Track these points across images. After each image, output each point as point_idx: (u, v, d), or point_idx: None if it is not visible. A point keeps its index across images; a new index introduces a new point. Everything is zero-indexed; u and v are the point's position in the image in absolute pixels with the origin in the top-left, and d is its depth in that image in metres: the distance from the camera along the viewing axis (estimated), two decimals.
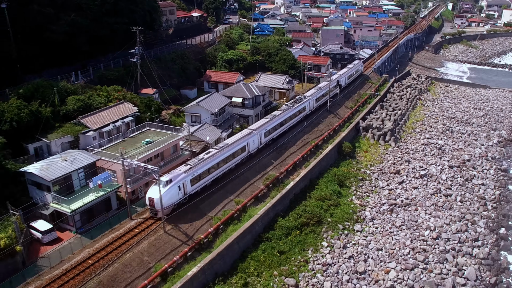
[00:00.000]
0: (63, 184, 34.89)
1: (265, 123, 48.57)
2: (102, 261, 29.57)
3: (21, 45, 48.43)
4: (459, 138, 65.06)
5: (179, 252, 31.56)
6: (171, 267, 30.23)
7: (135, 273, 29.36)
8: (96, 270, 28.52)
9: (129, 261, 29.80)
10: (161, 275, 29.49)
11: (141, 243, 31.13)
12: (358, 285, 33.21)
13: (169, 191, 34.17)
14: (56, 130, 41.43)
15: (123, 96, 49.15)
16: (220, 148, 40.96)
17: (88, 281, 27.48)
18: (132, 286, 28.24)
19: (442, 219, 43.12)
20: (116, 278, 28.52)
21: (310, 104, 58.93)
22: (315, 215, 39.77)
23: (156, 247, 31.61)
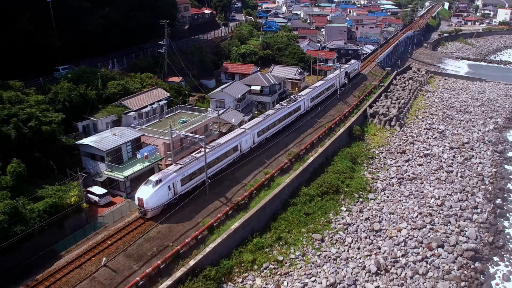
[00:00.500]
0: (114, 155, 39.66)
1: (258, 122, 47.87)
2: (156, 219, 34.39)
3: (62, 36, 53.17)
4: (458, 124, 70.41)
5: (221, 211, 36.49)
6: (216, 222, 35.17)
7: (186, 226, 34.30)
8: (152, 225, 33.34)
9: (180, 217, 34.69)
10: (208, 229, 34.40)
11: (188, 203, 35.99)
12: (374, 241, 38.31)
13: (159, 191, 33.56)
14: (101, 111, 46.26)
15: (155, 82, 54.06)
16: (212, 147, 40.28)
17: (149, 231, 32.34)
18: (185, 236, 33.13)
19: (445, 191, 48.30)
20: (172, 230, 33.44)
21: (305, 103, 57.98)
22: (333, 185, 44.84)
23: (201, 207, 36.57)
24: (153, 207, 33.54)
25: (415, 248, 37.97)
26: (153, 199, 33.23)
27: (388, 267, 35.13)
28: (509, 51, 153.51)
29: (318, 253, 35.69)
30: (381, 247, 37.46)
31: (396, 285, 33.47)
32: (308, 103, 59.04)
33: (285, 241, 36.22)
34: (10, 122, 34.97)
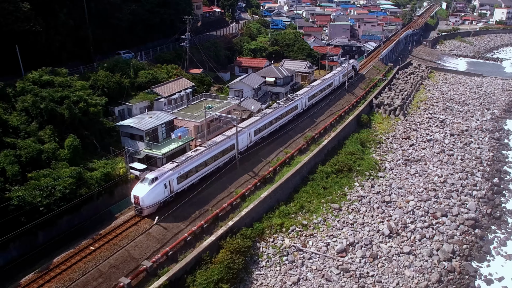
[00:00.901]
0: (151, 135, 44.07)
1: (255, 121, 47.81)
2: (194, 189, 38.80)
3: (94, 30, 57.60)
4: (457, 114, 75.22)
5: (251, 183, 41.03)
6: (247, 192, 39.70)
7: (222, 195, 38.82)
8: (192, 193, 37.75)
9: (215, 188, 39.19)
10: (241, 197, 38.93)
11: (221, 176, 40.47)
12: (386, 210, 42.96)
13: (155, 189, 33.60)
14: (134, 97, 50.70)
15: (180, 73, 58.51)
16: (208, 146, 40.38)
17: (191, 196, 36.81)
18: (221, 202, 37.65)
19: (446, 170, 53.03)
20: (209, 195, 37.99)
21: (302, 102, 57.90)
22: (346, 165, 49.45)
23: (233, 179, 41.13)
24: (149, 205, 33.41)
25: (422, 216, 42.65)
26: (149, 197, 33.13)
27: (399, 231, 39.80)
28: (505, 49, 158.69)
29: (337, 219, 40.32)
30: (392, 215, 42.16)
31: (407, 245, 38.10)
32: (305, 102, 59.03)
33: (308, 209, 40.80)
34: (63, 103, 39.38)
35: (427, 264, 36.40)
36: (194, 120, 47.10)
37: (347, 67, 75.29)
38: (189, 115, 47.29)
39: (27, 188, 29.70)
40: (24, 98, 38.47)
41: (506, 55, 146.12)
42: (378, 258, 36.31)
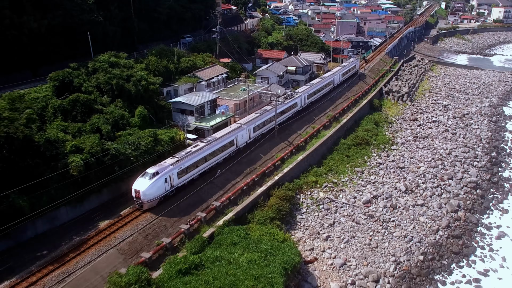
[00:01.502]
0: (199, 110, 51.41)
1: (254, 118, 48.71)
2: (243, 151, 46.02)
3: (137, 22, 64.85)
4: (459, 101, 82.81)
5: (287, 150, 48.41)
6: (286, 156, 47.08)
7: (264, 158, 46.22)
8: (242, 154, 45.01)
9: (259, 152, 46.58)
10: (281, 160, 46.30)
11: (263, 143, 47.84)
12: (400, 174, 50.47)
13: (156, 183, 34.15)
14: (179, 80, 57.94)
15: (214, 61, 65.87)
16: (208, 141, 41.00)
17: (242, 157, 44.13)
18: (265, 164, 45.01)
19: (451, 145, 60.56)
20: (254, 158, 45.38)
21: (301, 100, 58.60)
22: (364, 139, 56.90)
23: (273, 146, 48.67)
24: (150, 199, 34.08)
25: (431, 179, 50.15)
26: (150, 191, 33.76)
27: (413, 188, 47.31)
28: (502, 46, 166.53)
29: (361, 179, 47.79)
30: (406, 177, 49.66)
31: (420, 199, 45.57)
32: (304, 100, 59.58)
33: (335, 171, 48.23)
34: (130, 80, 46.63)
35: (438, 214, 43.86)
36: (234, 99, 54.52)
37: (347, 65, 77.65)
38: (229, 94, 54.69)
39: (119, 142, 36.95)
40: (97, 76, 45.67)
41: (503, 52, 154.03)
42: (397, 208, 43.76)
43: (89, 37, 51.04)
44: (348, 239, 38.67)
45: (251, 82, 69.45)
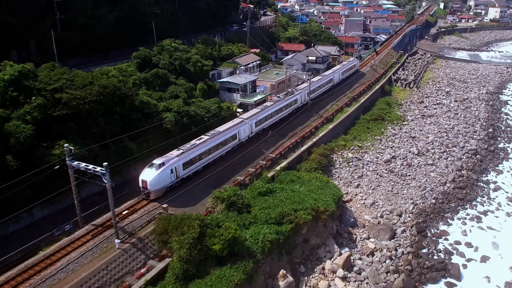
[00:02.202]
0: (243, 89, 60.87)
1: (256, 113, 49.62)
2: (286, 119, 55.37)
3: (180, 16, 74.33)
4: (459, 88, 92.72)
5: (318, 121, 57.99)
6: (319, 125, 56.68)
7: (300, 127, 55.71)
8: (285, 121, 54.36)
9: (294, 123, 56.02)
10: (315, 128, 55.83)
11: (299, 115, 57.37)
12: (412, 141, 60.17)
13: (162, 173, 34.81)
14: (221, 65, 67.40)
15: (246, 50, 75.42)
16: (212, 135, 41.73)
17: (285, 124, 53.55)
18: (303, 130, 54.51)
19: (453, 122, 70.32)
20: (295, 125, 54.88)
21: (301, 97, 59.45)
22: (380, 116, 66.57)
23: (306, 118, 58.11)
24: (156, 189, 34.77)
25: (439, 146, 59.88)
26: (156, 181, 34.44)
27: (424, 152, 56.98)
28: (499, 44, 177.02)
29: (381, 144, 57.46)
30: (417, 144, 59.34)
31: (430, 160, 55.24)
32: (305, 97, 60.59)
33: (359, 138, 57.90)
34: (189, 62, 56.09)
35: (445, 171, 53.52)
36: (270, 80, 64.09)
37: (347, 64, 79.55)
38: (265, 77, 64.23)
39: (195, 106, 46.42)
40: (163, 57, 55.05)
41: (499, 49, 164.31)
42: (411, 166, 53.44)
43: (153, 25, 60.54)
44: (375, 187, 48.29)
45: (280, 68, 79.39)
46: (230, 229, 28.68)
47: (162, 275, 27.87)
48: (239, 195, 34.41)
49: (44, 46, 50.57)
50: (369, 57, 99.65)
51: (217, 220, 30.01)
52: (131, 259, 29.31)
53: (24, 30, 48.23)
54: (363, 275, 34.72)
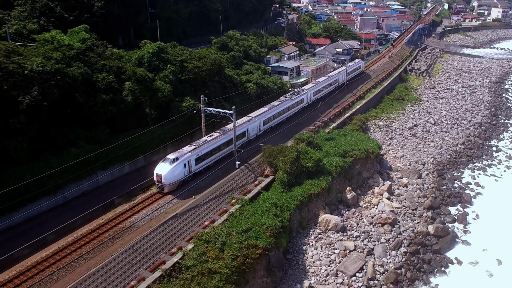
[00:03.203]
0: (291, 72, 74.32)
1: (264, 111, 51.51)
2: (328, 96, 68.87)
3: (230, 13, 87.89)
4: (465, 78, 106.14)
5: (352, 98, 71.49)
6: (355, 101, 70.17)
7: (340, 101, 69.16)
8: (327, 98, 67.80)
9: (333, 98, 69.46)
10: (351, 103, 69.28)
11: (339, 92, 70.87)
12: (429, 115, 73.64)
13: (176, 168, 36.55)
14: (269, 53, 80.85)
15: (286, 42, 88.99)
16: (223, 131, 43.53)
17: (328, 99, 67.06)
18: (341, 105, 67.96)
19: (462, 103, 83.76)
20: (335, 100, 68.30)
21: (307, 97, 61.83)
22: (401, 96, 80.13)
23: (342, 95, 71.61)
24: (171, 183, 36.52)
25: (450, 119, 73.41)
26: (170, 175, 36.18)
27: (439, 123, 70.51)
28: (501, 42, 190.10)
29: (404, 116, 70.98)
30: (433, 117, 72.80)
31: (444, 128, 68.72)
32: (310, 96, 62.92)
33: (386, 112, 71.45)
34: (251, 48, 69.58)
35: (456, 137, 66.99)
36: (311, 66, 77.62)
37: (352, 66, 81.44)
38: (306, 64, 77.75)
39: (266, 80, 59.93)
40: (230, 45, 68.45)
41: (502, 46, 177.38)
42: (430, 132, 66.97)
43: (220, 19, 74.20)
44: (402, 146, 61.81)
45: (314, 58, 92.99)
46: (316, 154, 42.25)
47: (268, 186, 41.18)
48: (313, 137, 47.93)
49: (140, 33, 64.26)
50: (387, 50, 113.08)
51: (305, 150, 43.48)
52: (246, 176, 42.82)
53: (128, 21, 61.91)
54: (402, 197, 48.19)
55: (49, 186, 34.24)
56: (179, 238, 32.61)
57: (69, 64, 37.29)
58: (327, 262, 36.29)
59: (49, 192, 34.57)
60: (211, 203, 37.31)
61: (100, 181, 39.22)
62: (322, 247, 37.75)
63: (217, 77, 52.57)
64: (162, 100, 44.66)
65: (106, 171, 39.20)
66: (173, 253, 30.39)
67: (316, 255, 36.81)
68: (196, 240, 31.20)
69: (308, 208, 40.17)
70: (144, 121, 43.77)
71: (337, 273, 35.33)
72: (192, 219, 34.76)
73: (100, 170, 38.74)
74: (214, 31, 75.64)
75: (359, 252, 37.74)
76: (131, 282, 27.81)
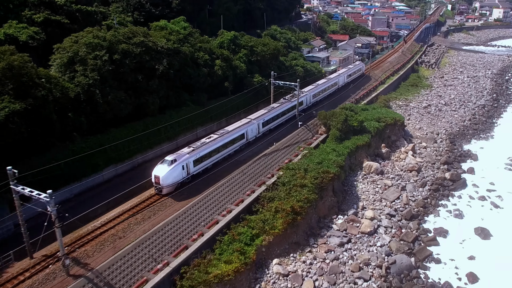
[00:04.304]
0: (322, 61, 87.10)
1: (263, 114, 51.80)
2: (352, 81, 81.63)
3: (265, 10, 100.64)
4: (470, 69, 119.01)
5: (376, 82, 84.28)
6: (378, 85, 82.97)
7: (366, 85, 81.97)
8: (352, 83, 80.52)
9: (358, 84, 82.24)
10: (374, 87, 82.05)
11: (361, 80, 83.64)
12: (440, 98, 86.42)
13: (174, 170, 36.47)
14: (302, 45, 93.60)
15: (314, 37, 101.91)
16: (221, 134, 43.67)
17: (355, 84, 79.88)
18: (367, 88, 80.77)
19: (467, 89, 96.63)
20: (361, 84, 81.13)
21: (307, 99, 62.58)
22: (415, 83, 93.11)
23: (367, 80, 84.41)
24: (169, 184, 36.48)
25: (458, 101, 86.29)
26: (168, 177, 36.14)
27: (449, 103, 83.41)
28: (502, 40, 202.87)
29: (419, 98, 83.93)
30: (444, 99, 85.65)
31: (454, 108, 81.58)
32: (310, 99, 63.87)
33: (404, 95, 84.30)
34: (291, 40, 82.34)
35: (464, 115, 79.88)
36: (338, 57, 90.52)
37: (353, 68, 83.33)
38: (334, 55, 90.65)
39: (308, 65, 72.70)
40: (277, 36, 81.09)
41: (503, 43, 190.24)
42: (441, 110, 79.88)
43: (264, 16, 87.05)
44: (419, 120, 74.69)
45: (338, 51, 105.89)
46: (360, 117, 55.16)
47: (323, 141, 53.97)
48: (354, 106, 60.83)
49: (201, 27, 77.07)
50: (399, 45, 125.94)
51: (351, 114, 56.26)
52: (306, 133, 55.61)
53: (194, 16, 74.68)
54: (423, 155, 60.94)
55: (169, 134, 47.02)
56: (271, 168, 45.41)
57: (181, 44, 50.14)
58: (373, 192, 49.08)
59: (170, 138, 47.37)
60: (285, 150, 50.12)
61: (198, 134, 51.99)
62: (368, 183, 50.54)
63: (275, 60, 65.42)
64: (239, 76, 57.55)
65: (203, 127, 51.94)
66: (272, 175, 43.21)
67: (364, 188, 49.61)
68: (285, 169, 43.92)
69: (355, 156, 52.96)
70: (226, 92, 56.61)
71: (381, 199, 48.10)
72: (276, 157, 47.61)
73: (199, 126, 51.55)
74: (254, 26, 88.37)
75: (396, 188, 50.52)
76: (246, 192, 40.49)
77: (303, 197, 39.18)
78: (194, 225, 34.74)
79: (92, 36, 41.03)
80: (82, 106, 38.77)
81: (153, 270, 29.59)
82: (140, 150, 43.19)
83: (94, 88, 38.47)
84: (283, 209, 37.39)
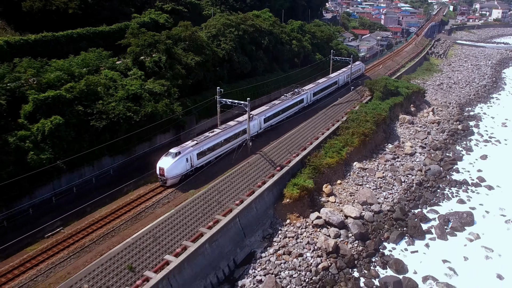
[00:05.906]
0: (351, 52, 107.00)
1: (265, 110, 52.67)
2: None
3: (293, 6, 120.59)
4: (473, 59, 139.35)
5: (396, 67, 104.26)
6: (399, 67, 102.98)
7: (392, 67, 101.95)
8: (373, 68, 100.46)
9: (374, 73, 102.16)
10: (395, 71, 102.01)
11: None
12: (449, 79, 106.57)
13: (178, 162, 37.42)
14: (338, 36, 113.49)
15: (344, 30, 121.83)
16: (224, 128, 44.47)
17: (370, 70, 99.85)
18: (392, 68, 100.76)
19: (471, 74, 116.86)
20: (387, 67, 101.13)
21: (307, 97, 63.83)
22: (428, 68, 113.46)
23: (388, 69, 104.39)
24: (173, 176, 37.44)
25: (464, 82, 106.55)
26: (173, 169, 37.12)
27: (457, 82, 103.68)
28: (501, 38, 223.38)
29: (433, 78, 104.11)
30: (453, 80, 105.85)
31: (461, 86, 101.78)
32: (310, 97, 65.27)
33: (421, 76, 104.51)
34: (330, 30, 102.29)
35: (469, 92, 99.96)
36: (366, 46, 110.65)
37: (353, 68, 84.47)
38: (362, 44, 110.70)
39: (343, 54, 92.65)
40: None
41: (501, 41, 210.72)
42: (451, 87, 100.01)
43: (309, 11, 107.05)
44: (435, 94, 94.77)
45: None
46: (395, 84, 75.33)
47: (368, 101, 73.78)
48: (389, 78, 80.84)
49: None
50: (412, 39, 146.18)
51: (388, 82, 76.14)
52: (357, 94, 75.46)
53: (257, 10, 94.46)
54: (440, 115, 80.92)
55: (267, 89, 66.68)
56: (341, 112, 65.30)
57: (273, 28, 70.09)
58: (408, 134, 69.10)
59: (267, 92, 67.12)
60: (342, 105, 70.01)
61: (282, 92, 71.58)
62: (404, 129, 70.53)
63: (328, 43, 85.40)
64: (306, 53, 77.51)
65: (285, 88, 71.67)
66: (342, 117, 63.10)
67: (401, 131, 69.61)
68: (350, 113, 63.67)
69: (393, 111, 72.89)
70: (296, 65, 76.53)
71: (414, 137, 68.05)
72: (337, 109, 67.47)
73: (282, 86, 71.28)
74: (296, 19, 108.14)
75: (423, 132, 70.46)
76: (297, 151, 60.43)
77: (368, 127, 59.11)
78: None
79: (225, 18, 61.03)
80: (223, 64, 58.62)
81: (268, 175, 49.27)
82: (252, 97, 63.20)
83: (233, 52, 58.33)
84: (357, 132, 57.31)
